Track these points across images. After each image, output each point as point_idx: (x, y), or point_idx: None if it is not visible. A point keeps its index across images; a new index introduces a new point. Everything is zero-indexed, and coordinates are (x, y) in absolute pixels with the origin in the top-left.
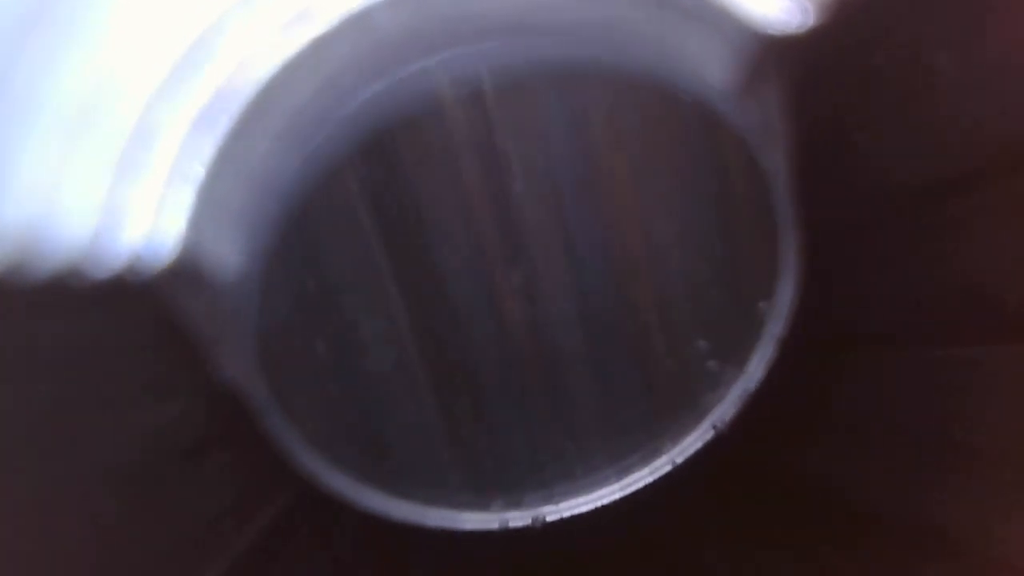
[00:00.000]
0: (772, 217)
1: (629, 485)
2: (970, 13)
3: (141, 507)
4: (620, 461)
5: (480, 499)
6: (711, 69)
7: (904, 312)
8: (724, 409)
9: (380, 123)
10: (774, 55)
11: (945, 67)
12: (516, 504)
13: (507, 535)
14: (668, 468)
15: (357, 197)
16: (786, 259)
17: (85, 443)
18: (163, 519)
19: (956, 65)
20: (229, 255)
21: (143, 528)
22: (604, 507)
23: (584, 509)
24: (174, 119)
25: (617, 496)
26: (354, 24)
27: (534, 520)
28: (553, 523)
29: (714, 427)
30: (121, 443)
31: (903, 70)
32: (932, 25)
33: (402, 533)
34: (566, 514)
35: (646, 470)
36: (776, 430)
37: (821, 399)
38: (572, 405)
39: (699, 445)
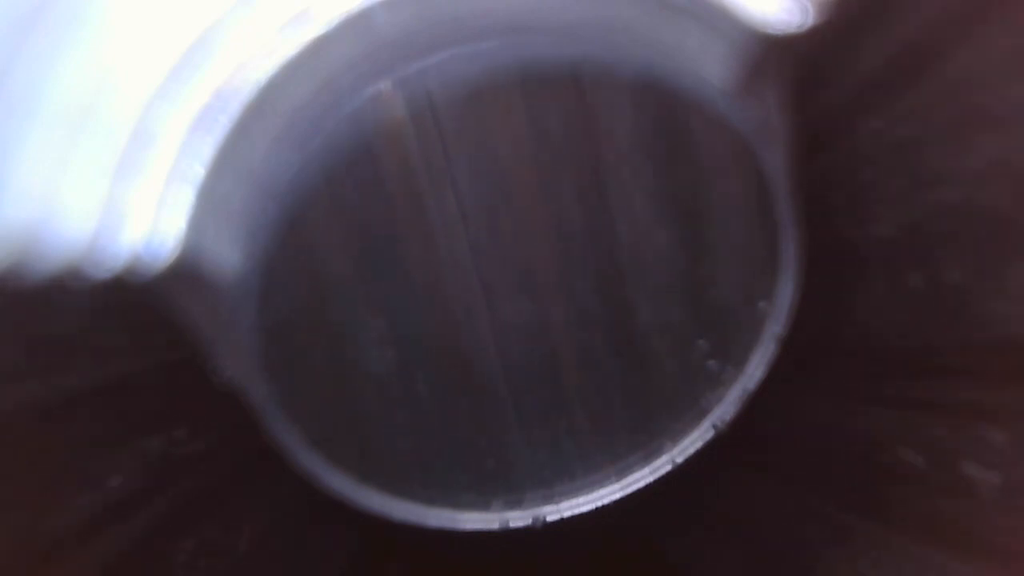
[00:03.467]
0: (772, 217)
1: (629, 485)
2: (971, 11)
3: (140, 506)
4: (620, 461)
5: (480, 499)
6: (711, 68)
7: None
8: (724, 409)
9: (379, 123)
10: (774, 54)
11: (947, 65)
12: (516, 504)
13: (507, 535)
14: (668, 468)
15: (356, 197)
16: (786, 259)
17: (85, 443)
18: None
19: (958, 62)
20: (229, 255)
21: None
22: (604, 507)
23: (584, 509)
24: (174, 120)
25: (617, 496)
26: (353, 25)
27: (534, 520)
28: (553, 523)
29: (714, 427)
30: (121, 443)
31: (902, 68)
32: (932, 23)
33: (402, 533)
34: (566, 514)
35: (646, 470)
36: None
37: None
38: (572, 405)
39: (699, 445)
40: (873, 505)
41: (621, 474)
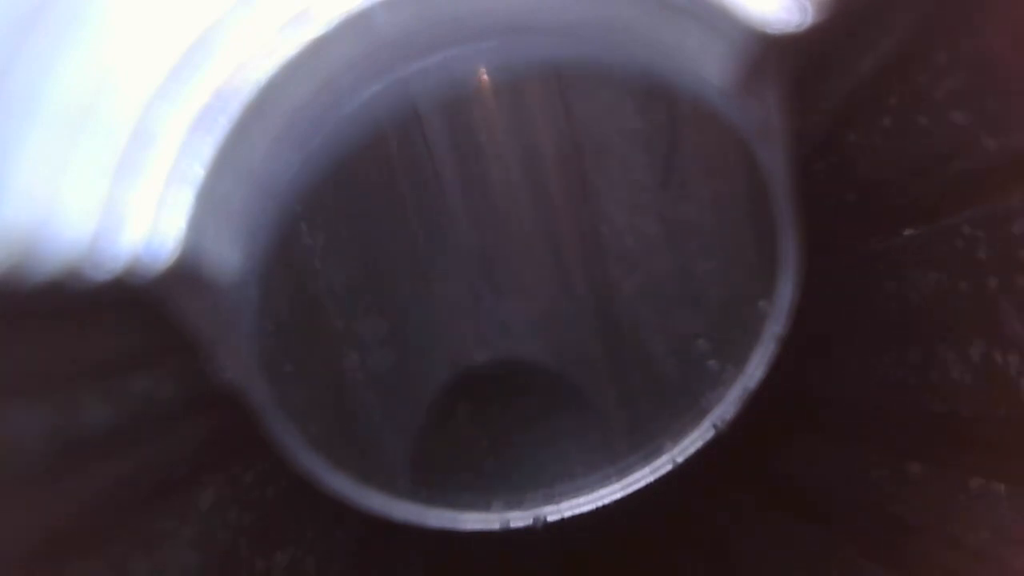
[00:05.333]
0: (772, 217)
1: (629, 485)
2: (971, 14)
3: (141, 508)
4: (620, 461)
5: (481, 499)
6: (710, 68)
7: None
8: (724, 409)
9: (379, 123)
10: (773, 54)
11: (944, 67)
12: (517, 504)
13: (508, 535)
14: (668, 468)
15: (357, 197)
16: (786, 259)
17: (84, 446)
18: (163, 520)
19: (955, 66)
20: (229, 256)
21: (142, 527)
22: (604, 507)
23: (585, 509)
24: (173, 120)
25: (617, 496)
26: (353, 25)
27: (535, 520)
28: (554, 523)
29: (714, 427)
30: (121, 445)
31: (902, 69)
32: (932, 25)
33: (403, 533)
34: (567, 514)
35: (646, 470)
36: (776, 429)
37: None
38: (572, 405)
39: (699, 445)
40: (881, 548)
41: (621, 474)
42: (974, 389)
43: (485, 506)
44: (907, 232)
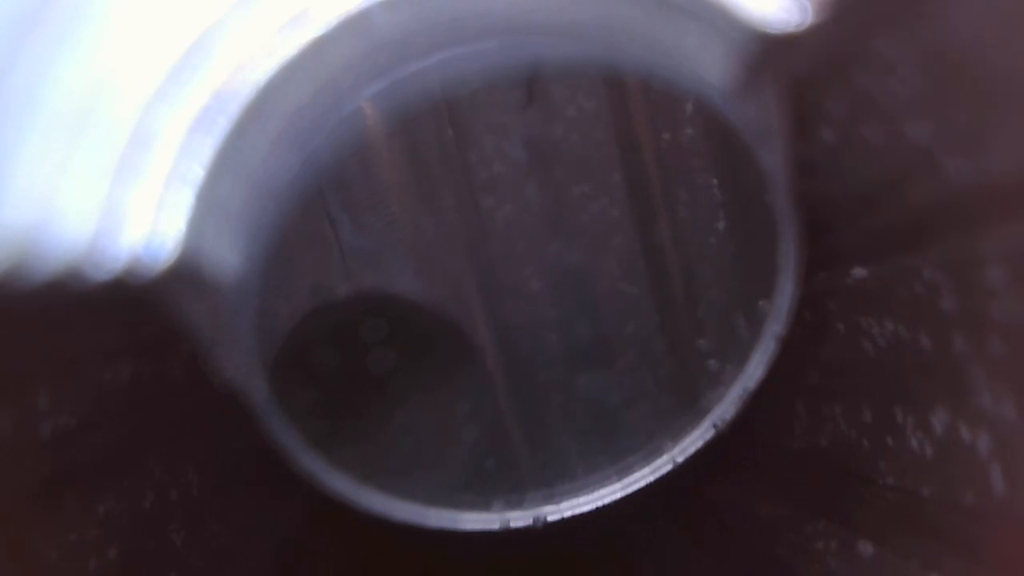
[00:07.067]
0: (772, 217)
1: (630, 485)
2: (974, 15)
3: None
4: (620, 461)
5: (481, 499)
6: (710, 68)
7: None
8: (724, 408)
9: (379, 124)
10: (773, 54)
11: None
12: (517, 504)
13: (508, 535)
14: (668, 468)
15: (356, 197)
16: (786, 258)
17: (84, 446)
18: (162, 520)
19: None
20: (229, 256)
21: (143, 528)
22: (605, 507)
23: (585, 509)
24: (173, 121)
25: (618, 496)
26: (353, 25)
27: (535, 520)
28: (554, 523)
29: (714, 426)
30: (120, 446)
31: (902, 69)
32: (933, 25)
33: (403, 533)
34: (567, 514)
35: (646, 470)
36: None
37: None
38: (572, 405)
39: (699, 444)
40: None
41: (621, 474)
42: (935, 465)
43: (485, 506)
44: (857, 270)
